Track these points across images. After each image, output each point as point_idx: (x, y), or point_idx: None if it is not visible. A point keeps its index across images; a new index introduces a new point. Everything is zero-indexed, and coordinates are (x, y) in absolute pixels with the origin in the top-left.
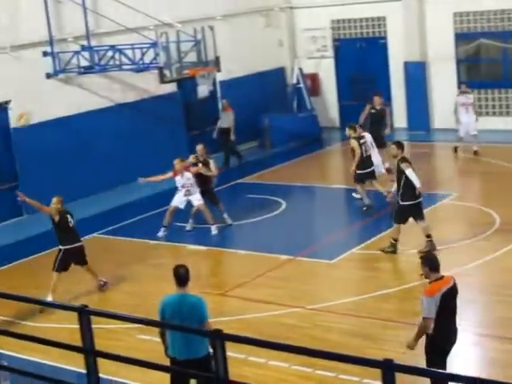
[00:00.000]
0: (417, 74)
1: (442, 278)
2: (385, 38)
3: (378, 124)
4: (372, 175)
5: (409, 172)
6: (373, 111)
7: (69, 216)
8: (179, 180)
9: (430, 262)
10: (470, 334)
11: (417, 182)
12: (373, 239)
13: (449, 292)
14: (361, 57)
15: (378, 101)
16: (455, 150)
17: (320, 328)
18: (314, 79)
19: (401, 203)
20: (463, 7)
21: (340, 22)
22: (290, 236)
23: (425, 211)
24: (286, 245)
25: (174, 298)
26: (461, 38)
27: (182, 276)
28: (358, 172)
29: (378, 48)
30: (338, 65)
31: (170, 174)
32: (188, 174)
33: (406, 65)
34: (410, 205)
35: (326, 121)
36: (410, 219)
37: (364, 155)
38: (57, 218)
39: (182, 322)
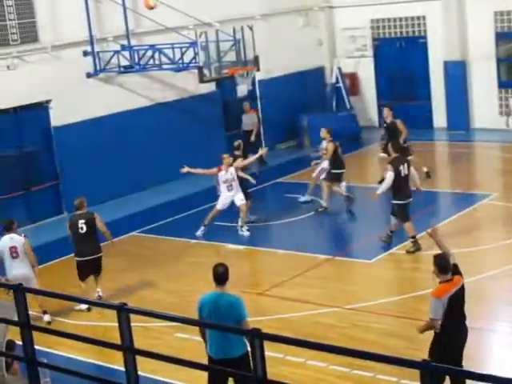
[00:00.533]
0: (457, 74)
1: (451, 279)
2: (425, 37)
3: (393, 138)
4: (341, 177)
5: (388, 175)
6: (385, 125)
7: (80, 221)
8: (222, 175)
9: (439, 262)
10: (507, 334)
11: (382, 188)
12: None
13: (457, 293)
14: (400, 56)
15: (386, 113)
16: None
17: (358, 328)
18: (353, 79)
19: (393, 202)
20: (504, 6)
21: (379, 21)
22: (329, 236)
23: (464, 211)
24: (325, 244)
25: (212, 296)
26: (501, 37)
27: (220, 275)
28: (333, 171)
29: (417, 47)
30: (377, 64)
31: (214, 170)
32: (232, 170)
33: (446, 64)
34: (403, 204)
35: (366, 120)
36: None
37: (340, 157)
38: (67, 225)
39: (219, 320)
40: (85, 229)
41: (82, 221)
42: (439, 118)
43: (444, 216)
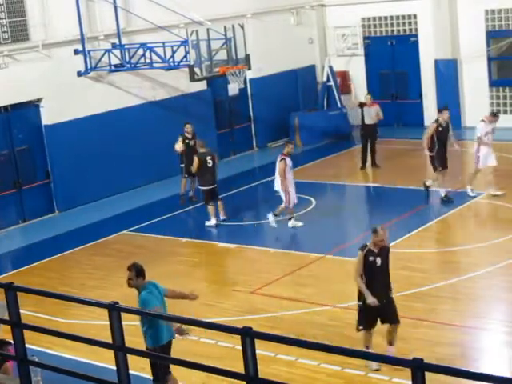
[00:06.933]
0: (448, 72)
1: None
2: (416, 35)
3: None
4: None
5: None
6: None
7: (208, 158)
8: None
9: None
10: (500, 333)
11: None
12: (403, 238)
13: None
14: (391, 55)
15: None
16: None
17: (350, 326)
18: (344, 77)
19: None
20: (495, 4)
21: (371, 19)
22: (320, 234)
23: (455, 210)
24: (316, 243)
25: (152, 284)
26: (492, 35)
27: (143, 269)
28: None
29: (408, 46)
30: (368, 63)
31: None
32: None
33: (437, 62)
34: None
35: (357, 119)
36: None
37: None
38: (196, 160)
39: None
40: (211, 163)
41: (210, 157)
42: (430, 117)
43: (435, 215)
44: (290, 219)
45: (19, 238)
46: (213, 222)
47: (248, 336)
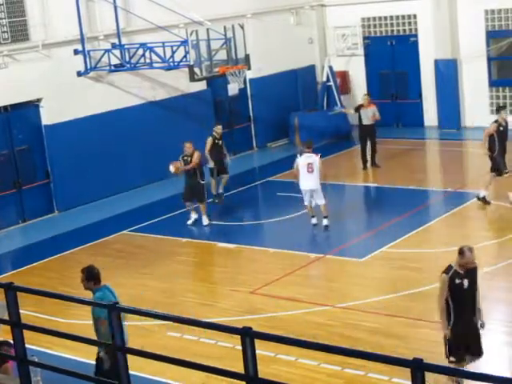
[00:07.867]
0: (448, 72)
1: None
2: (415, 35)
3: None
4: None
5: None
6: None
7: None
8: None
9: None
10: (500, 333)
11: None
12: (403, 238)
13: None
14: (391, 55)
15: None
16: None
17: (349, 326)
18: (344, 77)
19: None
20: (495, 4)
21: (370, 19)
22: (320, 234)
23: (455, 210)
24: (316, 243)
25: (108, 289)
26: (492, 35)
27: (99, 273)
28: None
29: (408, 46)
30: (368, 63)
31: None
32: None
33: (437, 62)
34: None
35: (356, 119)
36: None
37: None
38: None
39: None
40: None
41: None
42: (430, 117)
43: (435, 215)
44: (325, 217)
45: (19, 238)
46: (206, 220)
47: (248, 336)
